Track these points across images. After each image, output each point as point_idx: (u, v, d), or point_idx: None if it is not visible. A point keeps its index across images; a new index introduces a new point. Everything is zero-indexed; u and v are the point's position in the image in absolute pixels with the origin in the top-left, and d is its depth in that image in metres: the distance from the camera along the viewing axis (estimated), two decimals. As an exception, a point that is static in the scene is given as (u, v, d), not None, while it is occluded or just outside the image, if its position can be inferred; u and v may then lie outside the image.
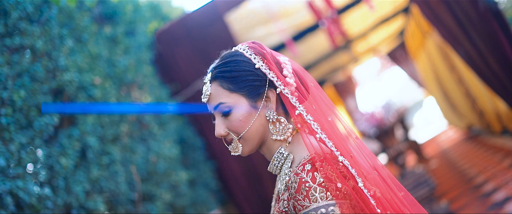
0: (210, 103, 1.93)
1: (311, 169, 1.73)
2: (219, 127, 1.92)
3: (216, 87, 1.92)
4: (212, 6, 7.27)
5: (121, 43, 5.93)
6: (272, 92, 1.93)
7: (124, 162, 5.12)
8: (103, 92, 4.96)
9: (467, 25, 6.63)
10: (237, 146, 1.91)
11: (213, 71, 1.97)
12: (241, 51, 1.98)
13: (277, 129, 1.91)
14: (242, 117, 1.87)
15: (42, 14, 4.46)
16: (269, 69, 1.93)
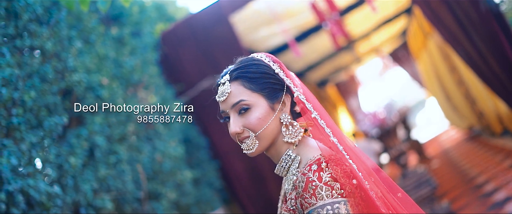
0: (228, 101, 2.02)
1: (317, 169, 1.83)
2: (235, 124, 2.00)
3: (237, 86, 2.01)
4: (217, 7, 7.35)
5: (127, 44, 6.02)
6: (287, 97, 2.04)
7: (130, 161, 5.21)
8: (110, 93, 5.06)
9: (468, 26, 6.69)
10: (253, 143, 1.98)
11: (233, 72, 2.06)
12: (259, 58, 2.08)
13: (290, 131, 2.00)
14: (261, 115, 1.96)
15: (51, 16, 4.55)
16: (286, 76, 2.04)
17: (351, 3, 9.63)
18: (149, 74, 6.31)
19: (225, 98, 2.05)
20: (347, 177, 1.83)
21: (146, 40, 6.55)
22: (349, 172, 1.85)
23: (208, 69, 7.26)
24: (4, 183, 3.42)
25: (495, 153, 10.03)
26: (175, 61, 7.38)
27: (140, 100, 5.89)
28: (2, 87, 3.65)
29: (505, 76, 6.80)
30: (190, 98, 7.21)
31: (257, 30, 8.99)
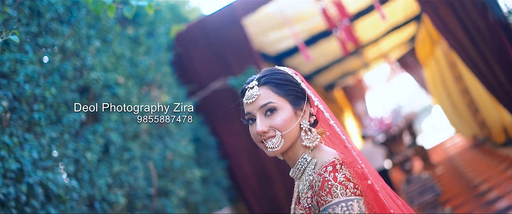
0: (256, 103, 2.16)
1: (332, 170, 2.01)
2: (262, 123, 2.15)
3: (265, 90, 2.17)
4: (230, 10, 7.48)
5: (143, 44, 6.17)
6: (308, 106, 2.22)
7: (142, 158, 5.36)
8: (126, 91, 5.21)
9: (476, 35, 6.77)
10: (279, 141, 2.13)
11: (261, 78, 2.21)
12: (284, 70, 2.25)
13: (309, 136, 2.17)
14: (287, 117, 2.13)
15: (72, 15, 4.70)
16: (307, 88, 2.22)
17: (361, 9, 9.75)
18: (162, 73, 6.47)
19: (253, 100, 2.18)
20: (359, 178, 2.01)
21: (160, 40, 6.70)
22: (361, 174, 2.02)
23: (220, 70, 7.40)
24: (25, 176, 3.56)
25: (499, 162, 10.11)
26: (188, 62, 7.53)
27: (153, 99, 6.04)
28: (25, 83, 3.79)
29: (511, 86, 6.88)
30: (201, 99, 7.35)
31: (268, 33, 9.12)
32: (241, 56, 7.36)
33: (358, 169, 2.04)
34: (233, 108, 2.48)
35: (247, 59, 7.25)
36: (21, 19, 4.07)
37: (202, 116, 7.53)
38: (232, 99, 7.20)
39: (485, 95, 10.30)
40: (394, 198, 2.15)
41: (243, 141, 7.52)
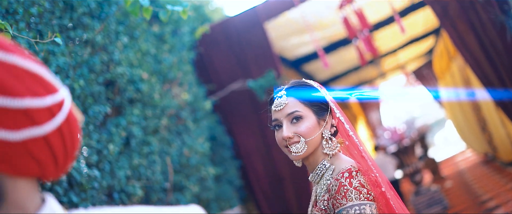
0: (284, 111, 2.36)
1: (348, 176, 2.18)
2: (288, 129, 2.33)
3: (292, 100, 2.38)
4: (253, 13, 7.61)
5: (167, 42, 6.34)
6: (330, 117, 2.42)
7: (161, 153, 5.52)
8: (149, 87, 5.37)
9: (493, 54, 6.85)
10: (303, 146, 2.31)
11: (290, 88, 2.43)
12: (311, 83, 2.42)
13: (329, 145, 2.35)
14: (311, 125, 2.32)
15: (102, 10, 4.87)
16: (330, 101, 2.42)
17: (381, 20, 9.86)
18: (184, 72, 6.63)
19: (281, 108, 2.38)
20: (373, 185, 2.19)
21: (184, 39, 6.86)
22: (375, 181, 2.21)
23: (239, 72, 7.55)
24: (51, 163, 3.72)
25: (508, 180, 10.18)
26: (209, 62, 7.68)
27: (174, 96, 6.20)
28: (56, 74, 3.96)
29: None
30: (219, 99, 7.50)
31: (288, 38, 9.26)
32: (261, 59, 7.49)
33: (372, 177, 2.22)
34: (253, 111, 2.67)
35: (267, 62, 7.39)
36: (55, 12, 4.24)
37: (219, 115, 7.68)
38: (250, 101, 7.40)
39: (494, 114, 10.38)
40: (404, 207, 2.33)
41: (257, 142, 7.66)
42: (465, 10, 6.82)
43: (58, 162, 0.97)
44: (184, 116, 6.33)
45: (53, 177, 1.00)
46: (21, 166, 0.92)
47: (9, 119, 0.88)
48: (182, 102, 6.37)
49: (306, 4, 7.59)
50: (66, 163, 1.00)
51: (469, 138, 15.27)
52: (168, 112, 5.89)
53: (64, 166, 1.00)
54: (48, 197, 1.00)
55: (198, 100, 6.89)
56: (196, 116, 6.80)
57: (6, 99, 0.88)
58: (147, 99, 5.41)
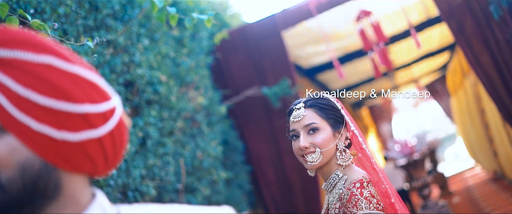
0: (301, 122, 2.48)
1: (360, 186, 2.30)
2: (305, 140, 2.45)
3: (310, 112, 2.49)
4: (272, 21, 7.71)
5: (186, 46, 6.46)
6: (345, 130, 2.54)
7: (175, 154, 5.63)
8: (166, 89, 5.49)
9: (506, 73, 6.90)
10: (318, 156, 2.43)
11: (308, 101, 2.53)
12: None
13: (343, 156, 2.47)
14: (326, 137, 2.44)
15: (125, 13, 5.00)
16: (346, 115, 2.54)
17: (397, 33, 9.93)
18: (201, 76, 6.75)
19: (299, 120, 2.49)
20: (383, 196, 2.30)
21: (202, 43, 6.98)
22: (385, 193, 2.32)
23: (255, 78, 7.65)
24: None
25: (518, 199, 10.20)
26: (225, 67, 7.79)
27: (190, 99, 6.32)
28: (79, 73, 4.07)
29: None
30: (234, 104, 7.60)
31: (304, 47, 9.35)
32: (277, 67, 7.59)
33: (383, 188, 2.33)
34: (266, 118, 2.79)
35: (283, 70, 7.48)
36: (81, 13, 4.36)
37: (233, 120, 7.78)
38: (264, 108, 7.51)
39: (503, 132, 10.41)
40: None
41: (268, 149, 7.75)
42: (481, 28, 6.88)
43: (108, 161, 1.09)
44: (199, 119, 6.44)
45: (103, 174, 1.11)
46: (78, 163, 1.04)
47: (71, 122, 1.01)
48: (197, 106, 6.48)
49: (324, 14, 7.68)
50: (114, 162, 1.12)
51: (479, 155, 15.29)
52: (184, 114, 6.00)
53: (113, 165, 1.12)
54: (98, 193, 1.12)
55: (213, 105, 7.00)
56: (211, 119, 6.91)
57: (69, 104, 1.00)
58: (164, 102, 5.52)
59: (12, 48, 0.98)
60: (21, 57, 0.98)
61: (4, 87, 0.96)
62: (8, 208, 0.96)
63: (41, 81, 0.99)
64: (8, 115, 0.96)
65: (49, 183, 1.01)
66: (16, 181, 0.96)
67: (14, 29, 1.01)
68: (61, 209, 1.03)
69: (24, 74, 0.98)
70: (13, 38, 0.99)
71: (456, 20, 6.99)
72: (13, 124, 0.97)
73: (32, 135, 0.98)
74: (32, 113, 0.97)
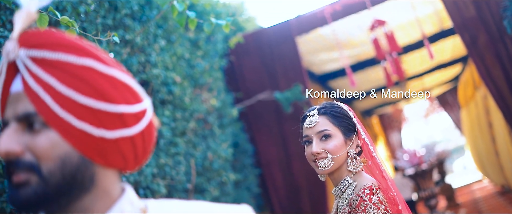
0: (315, 129, 2.57)
1: (369, 193, 2.39)
2: (317, 146, 2.54)
3: (323, 119, 2.58)
4: (286, 26, 7.78)
5: (201, 48, 6.55)
6: (356, 138, 2.63)
7: (186, 154, 5.71)
8: (181, 90, 5.58)
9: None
10: (329, 162, 2.52)
11: (321, 109, 2.63)
12: (341, 105, 2.65)
13: (354, 163, 2.56)
14: (338, 144, 2.53)
15: (144, 13, 5.08)
16: (357, 123, 2.63)
17: (411, 43, 9.98)
18: (214, 78, 6.84)
19: (312, 126, 2.59)
20: (391, 203, 2.39)
21: (217, 46, 7.07)
22: (393, 200, 2.40)
23: (267, 83, 7.72)
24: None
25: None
26: (238, 70, 7.87)
27: (203, 101, 6.40)
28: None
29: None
30: (246, 107, 7.68)
31: (317, 53, 9.41)
32: (290, 72, 7.66)
33: (391, 195, 2.42)
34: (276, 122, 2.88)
35: (295, 76, 7.55)
36: (100, 12, 4.45)
37: (244, 123, 7.85)
38: (275, 112, 7.58)
39: (510, 146, 10.42)
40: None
41: (278, 153, 7.82)
42: (494, 42, 6.91)
43: (138, 158, 1.19)
44: (211, 121, 6.52)
45: (131, 169, 1.20)
46: (111, 159, 1.14)
47: (108, 120, 1.10)
48: (210, 107, 6.56)
49: (339, 22, 7.74)
50: (143, 160, 1.21)
51: (487, 168, 15.28)
52: (197, 115, 6.09)
53: (141, 162, 1.21)
54: (127, 187, 1.21)
55: (225, 107, 7.09)
56: (222, 121, 6.98)
57: (107, 104, 1.09)
58: (178, 102, 5.60)
59: (56, 51, 1.07)
60: (65, 59, 1.07)
61: (48, 86, 1.05)
62: (48, 198, 1.04)
63: (83, 82, 1.07)
64: (51, 112, 1.05)
65: (85, 176, 1.10)
66: (56, 173, 1.05)
67: (59, 33, 1.10)
68: (94, 200, 1.12)
69: (67, 75, 1.06)
70: (57, 42, 1.08)
71: (470, 33, 7.02)
72: (56, 120, 1.05)
73: (72, 131, 1.06)
74: (74, 110, 1.06)
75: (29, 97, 1.05)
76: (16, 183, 1.03)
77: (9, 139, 1.03)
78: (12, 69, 1.07)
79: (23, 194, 1.03)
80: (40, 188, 1.03)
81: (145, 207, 1.20)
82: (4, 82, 1.07)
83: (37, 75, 1.05)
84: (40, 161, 1.04)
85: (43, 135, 1.05)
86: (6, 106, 1.07)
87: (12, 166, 1.03)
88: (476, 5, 6.94)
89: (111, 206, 1.15)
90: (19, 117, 1.05)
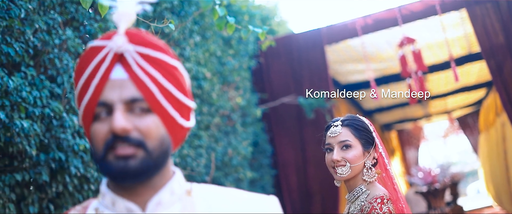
0: (337, 138, 2.79)
1: (380, 202, 2.59)
2: (338, 154, 2.76)
3: (345, 130, 2.80)
4: (317, 34, 7.92)
5: (232, 47, 6.73)
6: (373, 151, 2.84)
7: (208, 148, 5.90)
8: (210, 86, 5.77)
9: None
10: (347, 170, 2.73)
11: (345, 121, 2.84)
12: (363, 118, 2.87)
13: (369, 173, 2.78)
14: (357, 154, 2.75)
15: (182, 8, 5.28)
16: (376, 137, 2.85)
17: (437, 63, 10.05)
18: (242, 77, 7.02)
19: (335, 136, 2.80)
20: (399, 212, 2.59)
21: (248, 47, 7.25)
22: (401, 211, 2.61)
23: (292, 87, 7.87)
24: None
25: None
26: (266, 72, 8.04)
27: (230, 98, 6.58)
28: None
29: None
30: (269, 109, 7.84)
31: (344, 63, 9.53)
32: (316, 79, 7.80)
33: (400, 206, 2.63)
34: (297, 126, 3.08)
35: (321, 83, 7.69)
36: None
37: (266, 124, 8.02)
38: (297, 117, 7.75)
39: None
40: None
41: (295, 156, 7.96)
42: (519, 71, 7.00)
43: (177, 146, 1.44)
44: (235, 118, 6.71)
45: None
46: (177, 145, 1.39)
47: (186, 112, 1.36)
48: (235, 105, 6.75)
49: (369, 35, 7.87)
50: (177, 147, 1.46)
51: (501, 195, 15.26)
52: (222, 111, 6.28)
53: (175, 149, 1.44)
54: (177, 170, 1.44)
55: (249, 106, 7.27)
56: (245, 120, 7.16)
57: (187, 100, 1.35)
58: (206, 97, 5.80)
59: (157, 50, 1.30)
60: (163, 58, 1.30)
61: (153, 78, 1.27)
62: (149, 169, 1.26)
63: (174, 78, 1.31)
64: (156, 100, 1.27)
65: (168, 156, 1.33)
66: (157, 150, 1.27)
67: (153, 35, 1.31)
68: (159, 178, 1.33)
69: (164, 71, 1.30)
70: (156, 43, 1.31)
71: (496, 59, 7.12)
72: (159, 107, 1.27)
73: (168, 117, 1.29)
74: (170, 101, 1.30)
75: (136, 85, 1.26)
76: (123, 155, 1.23)
77: (123, 118, 1.23)
78: (114, 59, 1.27)
79: (132, 164, 1.23)
80: (145, 161, 1.24)
81: (190, 189, 1.41)
82: (106, 69, 1.26)
83: (144, 68, 1.26)
84: (146, 139, 1.25)
85: (148, 118, 1.26)
86: (106, 89, 1.26)
87: (121, 141, 1.23)
88: (505, 33, 7.04)
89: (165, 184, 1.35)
90: (126, 100, 1.25)
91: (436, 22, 7.86)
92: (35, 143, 3.42)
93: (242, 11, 6.96)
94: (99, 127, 1.26)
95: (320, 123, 7.40)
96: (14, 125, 3.17)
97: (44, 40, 3.60)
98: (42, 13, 3.67)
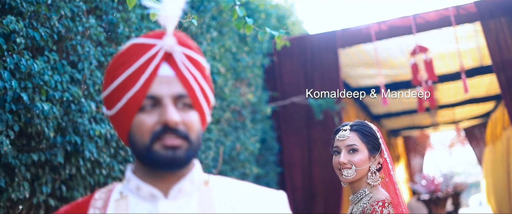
0: (345, 142, 2.91)
1: (381, 205, 2.72)
2: (344, 157, 2.88)
3: (353, 135, 2.92)
4: (331, 37, 8.01)
5: (247, 44, 6.84)
6: (379, 156, 2.96)
7: (217, 142, 6.01)
8: (223, 81, 5.88)
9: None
10: (352, 172, 2.85)
11: (353, 126, 2.96)
12: (371, 125, 3.00)
13: (373, 177, 2.90)
14: (363, 158, 2.87)
15: (201, 3, 5.39)
16: (382, 144, 2.96)
17: (448, 73, 10.11)
18: (254, 74, 7.13)
19: (343, 139, 2.92)
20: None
21: (263, 45, 7.35)
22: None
23: (303, 87, 7.93)
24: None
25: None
26: (278, 70, 8.13)
27: (241, 94, 6.69)
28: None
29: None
30: (279, 107, 7.94)
31: (355, 67, 9.61)
32: (327, 81, 7.88)
33: (400, 210, 2.75)
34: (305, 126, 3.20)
35: (332, 85, 7.75)
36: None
37: (275, 122, 8.12)
38: (305, 117, 7.85)
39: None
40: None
41: (301, 156, 8.04)
42: (529, 87, 7.05)
43: None
44: (245, 114, 6.81)
45: None
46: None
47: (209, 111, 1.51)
48: (246, 101, 6.85)
49: (382, 41, 7.95)
50: None
51: (501, 206, 15.30)
52: (233, 107, 6.39)
53: None
54: (197, 162, 1.55)
55: (260, 103, 7.37)
56: (255, 117, 7.27)
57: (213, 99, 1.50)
58: (218, 91, 5.90)
59: (197, 53, 1.44)
60: (201, 60, 1.44)
61: (195, 78, 1.40)
62: (189, 159, 1.38)
63: (207, 79, 1.45)
64: (197, 97, 1.40)
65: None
66: (196, 142, 1.39)
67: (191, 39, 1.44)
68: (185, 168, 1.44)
69: (202, 72, 1.43)
70: (196, 46, 1.45)
71: (506, 74, 7.17)
72: (198, 104, 1.41)
73: (203, 114, 1.43)
74: (206, 100, 1.44)
75: (182, 82, 1.37)
76: (171, 146, 1.34)
77: (175, 112, 1.34)
78: (163, 57, 1.38)
79: (179, 154, 1.35)
80: (189, 152, 1.36)
81: (208, 180, 1.52)
82: (156, 65, 1.37)
83: (189, 68, 1.39)
84: (189, 132, 1.36)
85: (191, 113, 1.39)
86: (154, 84, 1.36)
87: (169, 132, 1.34)
88: (517, 48, 7.10)
89: (186, 174, 1.46)
90: (174, 96, 1.36)
91: (450, 33, 7.94)
92: (53, 126, 3.54)
93: (259, 9, 7.06)
94: (146, 118, 1.35)
95: (328, 124, 7.50)
96: (35, 107, 3.29)
97: (68, 27, 3.72)
98: (68, 0, 3.79)
